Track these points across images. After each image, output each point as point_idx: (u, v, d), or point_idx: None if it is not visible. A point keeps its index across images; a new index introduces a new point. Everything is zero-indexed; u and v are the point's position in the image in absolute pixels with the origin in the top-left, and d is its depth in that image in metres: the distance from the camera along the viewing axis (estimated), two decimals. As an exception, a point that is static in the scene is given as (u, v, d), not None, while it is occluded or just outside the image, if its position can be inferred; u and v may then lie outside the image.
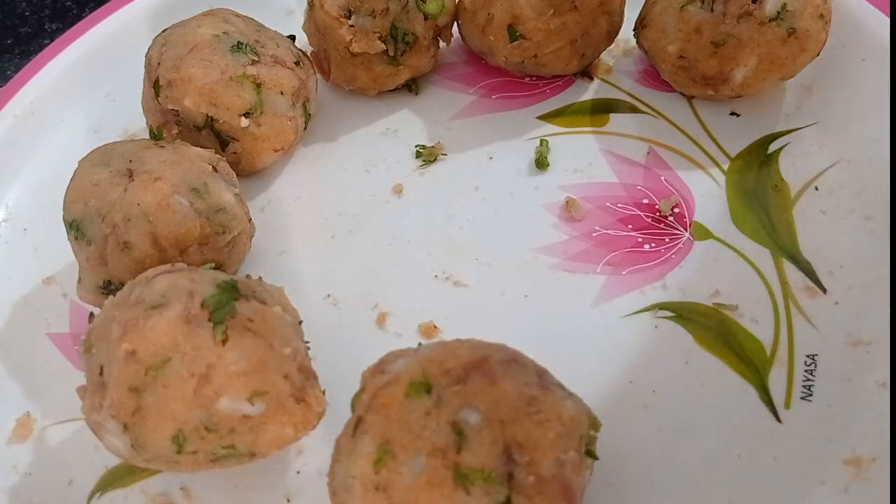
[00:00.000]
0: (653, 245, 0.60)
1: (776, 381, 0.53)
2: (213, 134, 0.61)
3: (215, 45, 0.60)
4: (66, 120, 0.72)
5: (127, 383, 0.43)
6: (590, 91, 0.70)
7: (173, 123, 0.62)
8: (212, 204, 0.54)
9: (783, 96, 0.67)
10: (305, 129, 0.67)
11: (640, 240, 0.60)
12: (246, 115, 0.61)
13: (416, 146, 0.68)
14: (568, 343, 0.56)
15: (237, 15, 0.65)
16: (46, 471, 0.54)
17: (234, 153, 0.63)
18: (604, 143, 0.66)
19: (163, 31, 0.64)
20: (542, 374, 0.43)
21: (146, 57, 0.63)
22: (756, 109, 0.66)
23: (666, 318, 0.56)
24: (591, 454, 0.42)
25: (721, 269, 0.58)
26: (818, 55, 0.61)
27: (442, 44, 0.71)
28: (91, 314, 0.52)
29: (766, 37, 0.59)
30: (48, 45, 0.74)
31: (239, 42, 0.61)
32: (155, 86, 0.61)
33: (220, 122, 0.60)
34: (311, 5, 0.67)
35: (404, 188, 0.66)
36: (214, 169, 0.56)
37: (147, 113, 0.64)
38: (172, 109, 0.60)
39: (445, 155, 0.67)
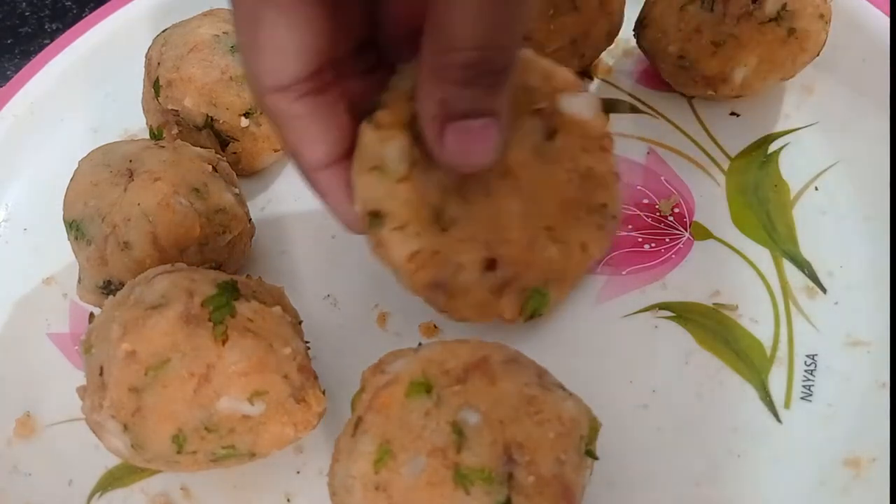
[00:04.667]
0: (653, 245, 0.60)
1: (776, 380, 0.53)
2: (213, 134, 0.61)
3: (215, 45, 0.60)
4: (66, 120, 0.72)
5: (127, 383, 0.43)
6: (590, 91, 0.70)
7: (173, 123, 0.62)
8: (212, 204, 0.54)
9: (783, 96, 0.67)
10: (305, 129, 0.67)
11: (640, 240, 0.60)
12: (246, 115, 0.61)
13: (416, 146, 0.68)
14: (568, 343, 0.56)
15: (237, 15, 0.65)
16: (46, 471, 0.54)
17: (234, 153, 0.63)
18: (604, 143, 0.66)
19: (163, 31, 0.64)
20: (541, 374, 0.43)
21: (146, 57, 0.63)
22: (756, 109, 0.66)
23: (666, 317, 0.56)
24: (591, 454, 0.42)
25: (721, 269, 0.58)
26: (818, 55, 0.61)
27: (442, 44, 0.71)
28: (91, 314, 0.52)
29: (766, 37, 0.59)
30: (48, 45, 0.74)
31: (239, 42, 0.61)
32: (155, 86, 0.61)
33: (220, 122, 0.60)
34: (311, 5, 0.67)
35: (404, 188, 0.65)
36: (214, 169, 0.56)
37: (147, 113, 0.64)
38: (172, 109, 0.60)
39: (445, 155, 0.67)
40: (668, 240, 0.60)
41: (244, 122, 0.61)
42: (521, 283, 0.50)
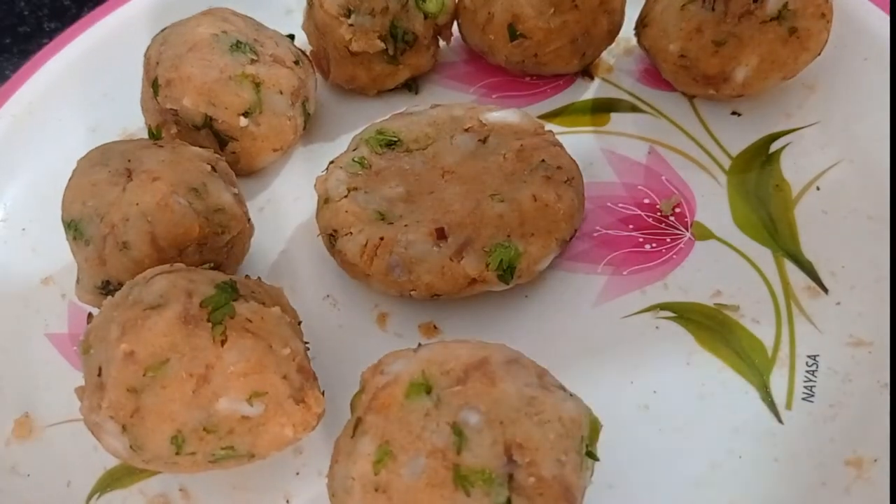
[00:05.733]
0: (654, 245, 0.60)
1: (777, 381, 0.53)
2: (211, 133, 0.61)
3: (214, 44, 0.60)
4: (64, 119, 0.71)
5: (125, 384, 0.43)
6: (590, 90, 0.70)
7: (172, 123, 0.61)
8: (210, 204, 0.54)
9: (785, 96, 0.66)
10: (305, 128, 0.67)
11: (641, 240, 0.60)
12: (245, 114, 0.61)
13: (416, 146, 0.68)
14: (568, 343, 0.56)
15: (236, 14, 0.65)
16: (45, 472, 0.54)
17: (233, 153, 0.63)
18: (605, 142, 0.66)
19: (162, 31, 0.63)
20: (542, 375, 0.43)
21: (145, 56, 0.63)
22: (757, 109, 0.66)
23: (667, 318, 0.56)
24: (591, 455, 0.42)
25: (722, 269, 0.58)
26: (819, 54, 0.61)
27: (442, 43, 0.71)
28: (90, 314, 0.52)
29: (768, 36, 0.59)
30: (47, 44, 0.74)
31: (238, 41, 0.61)
32: (154, 85, 0.61)
33: (219, 121, 0.60)
34: (310, 4, 0.67)
35: (404, 188, 0.65)
36: (213, 169, 0.56)
37: (146, 112, 0.64)
38: (171, 109, 0.60)
39: (445, 154, 0.67)
40: (669, 240, 0.60)
41: (243, 121, 0.60)
42: (480, 243, 0.53)
